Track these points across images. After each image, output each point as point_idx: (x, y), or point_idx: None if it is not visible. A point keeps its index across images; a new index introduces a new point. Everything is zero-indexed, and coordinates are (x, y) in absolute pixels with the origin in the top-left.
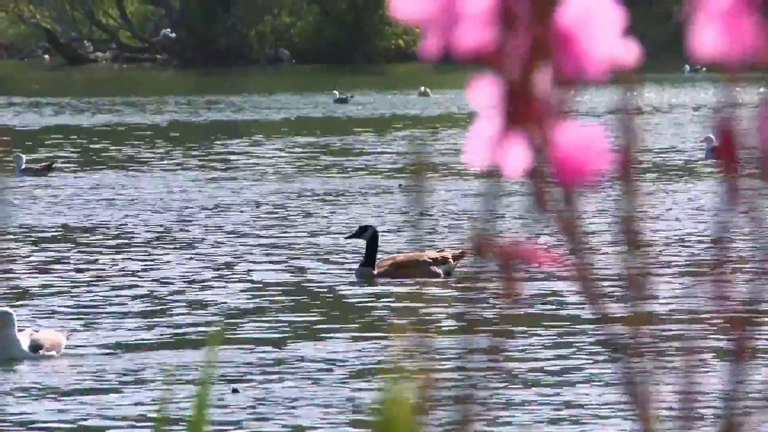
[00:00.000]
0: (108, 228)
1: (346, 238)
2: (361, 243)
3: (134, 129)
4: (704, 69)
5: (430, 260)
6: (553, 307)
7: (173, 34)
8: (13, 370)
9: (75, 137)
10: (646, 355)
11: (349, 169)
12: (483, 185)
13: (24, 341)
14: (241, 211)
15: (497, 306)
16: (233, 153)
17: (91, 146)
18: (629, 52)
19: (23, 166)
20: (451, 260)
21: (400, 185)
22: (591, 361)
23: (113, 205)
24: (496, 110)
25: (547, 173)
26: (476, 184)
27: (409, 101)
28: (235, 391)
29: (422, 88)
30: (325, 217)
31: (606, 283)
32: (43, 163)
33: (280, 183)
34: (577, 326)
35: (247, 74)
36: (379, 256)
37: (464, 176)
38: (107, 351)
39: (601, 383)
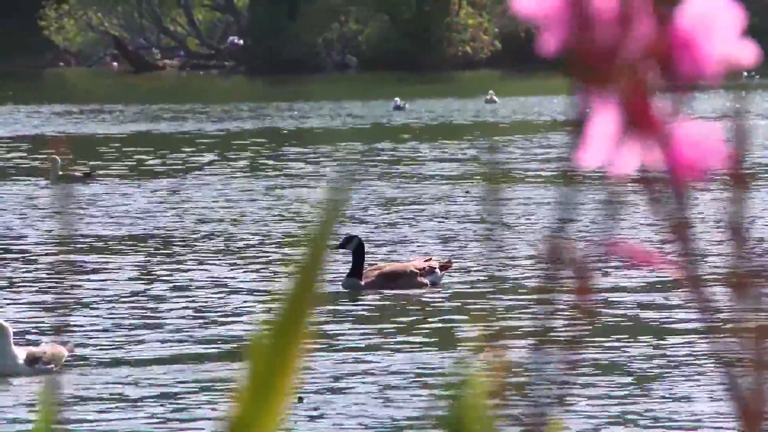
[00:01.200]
0: (164, 236)
1: (332, 248)
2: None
3: (198, 136)
4: (757, 76)
5: (417, 270)
6: (652, 315)
7: (240, 42)
8: (8, 385)
9: (136, 145)
10: (756, 366)
11: (414, 177)
12: (575, 190)
13: (21, 355)
14: (303, 219)
15: (570, 315)
16: (296, 160)
17: (152, 154)
18: (747, 53)
19: (59, 173)
20: (438, 270)
21: (467, 192)
22: (693, 372)
23: (167, 213)
24: (611, 112)
25: (661, 174)
26: (546, 191)
27: (475, 108)
28: (299, 399)
29: (489, 95)
30: (391, 225)
31: (715, 288)
32: (83, 171)
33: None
34: (676, 336)
35: (314, 81)
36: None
37: (534, 183)
38: (149, 362)
39: (705, 395)
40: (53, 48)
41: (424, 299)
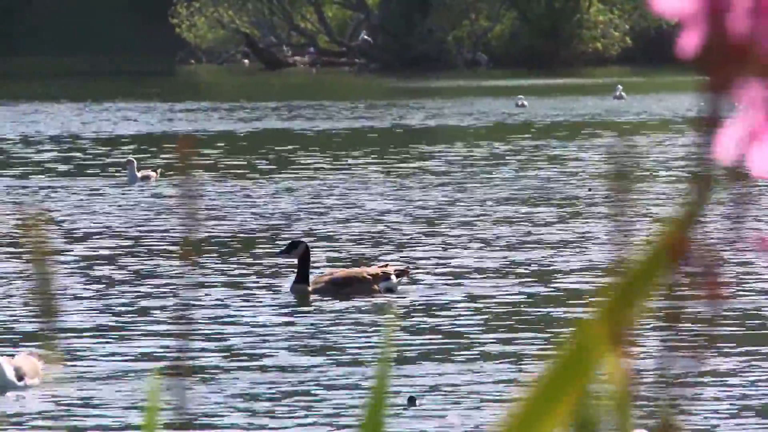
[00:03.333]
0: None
1: (276, 254)
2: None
3: (326, 134)
4: None
5: (370, 276)
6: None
7: (371, 39)
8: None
9: (264, 142)
10: None
11: (538, 175)
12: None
13: (8, 369)
14: (462, 216)
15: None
16: (420, 159)
17: (281, 150)
18: None
19: (137, 173)
20: (393, 276)
21: (589, 189)
22: None
23: (297, 210)
24: (752, 108)
25: None
26: (674, 189)
27: (604, 105)
28: (411, 400)
29: (617, 92)
30: (510, 222)
31: None
32: (155, 171)
33: (467, 189)
34: None
35: (444, 78)
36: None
37: (662, 180)
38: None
39: None
40: (185, 46)
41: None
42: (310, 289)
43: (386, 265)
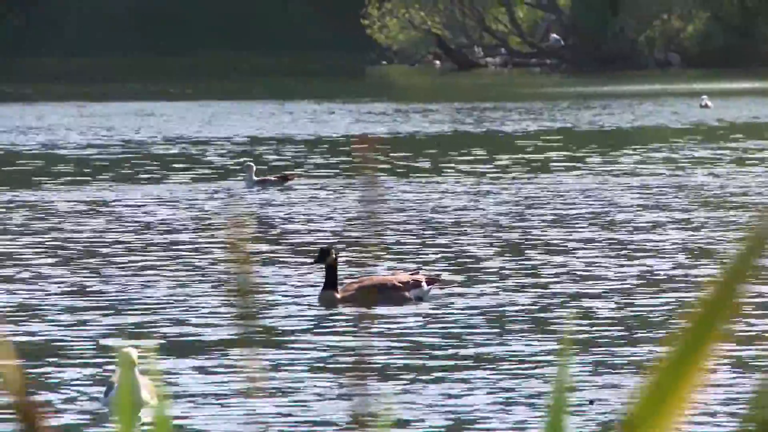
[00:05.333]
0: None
1: (310, 263)
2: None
3: (522, 134)
4: None
5: (401, 284)
6: None
7: (562, 39)
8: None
9: (454, 142)
10: None
11: (727, 177)
12: None
13: (143, 388)
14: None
15: None
16: (609, 160)
17: (472, 151)
18: None
19: (255, 177)
20: (424, 284)
21: None
22: None
23: (468, 207)
24: None
25: None
26: None
27: None
28: (591, 402)
29: None
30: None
31: None
32: (278, 174)
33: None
34: None
35: (635, 78)
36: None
37: None
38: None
39: None
40: (376, 46)
41: None
42: (338, 296)
43: (416, 272)
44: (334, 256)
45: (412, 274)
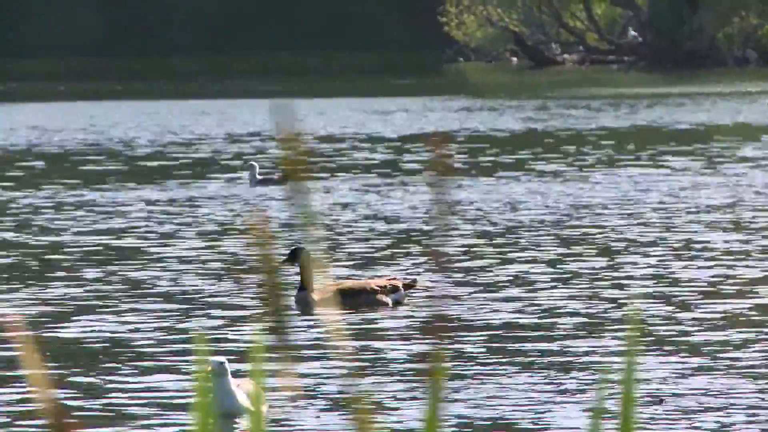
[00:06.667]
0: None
1: (280, 263)
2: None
3: (603, 132)
4: None
5: (378, 288)
6: None
7: (640, 36)
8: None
9: (530, 139)
10: None
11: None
12: None
13: (240, 393)
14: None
15: None
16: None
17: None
18: None
19: (258, 177)
20: (401, 289)
21: None
22: None
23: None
24: None
25: None
26: None
27: None
28: (661, 401)
29: None
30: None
31: None
32: (280, 173)
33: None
34: None
35: (713, 76)
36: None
37: None
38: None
39: None
40: (453, 43)
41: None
42: (315, 298)
43: (394, 278)
44: (305, 256)
45: (389, 279)
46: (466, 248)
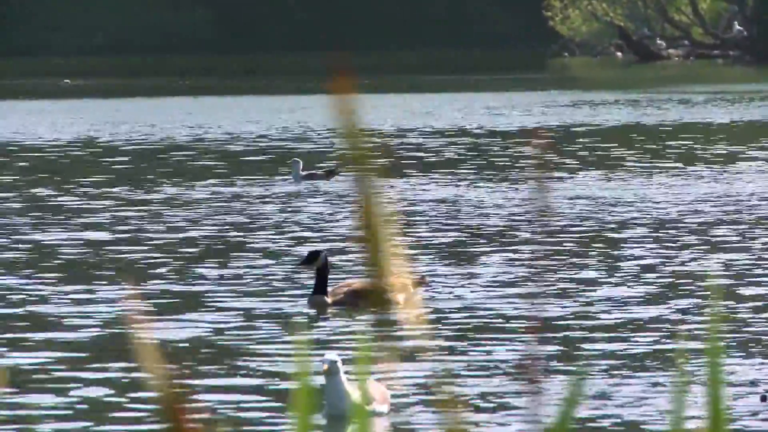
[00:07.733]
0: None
1: (296, 266)
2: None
3: (696, 127)
4: None
5: (389, 287)
6: None
7: (745, 31)
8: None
9: (627, 135)
10: None
11: None
12: None
13: (354, 393)
14: None
15: None
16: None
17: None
18: None
19: (303, 172)
20: (411, 287)
21: None
22: None
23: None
24: None
25: None
26: None
27: None
28: (764, 398)
29: None
30: None
31: None
32: (325, 169)
33: None
34: None
35: None
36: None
37: None
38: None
39: None
40: (558, 38)
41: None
42: (329, 300)
43: (406, 276)
44: (323, 260)
45: (399, 278)
46: (572, 244)
